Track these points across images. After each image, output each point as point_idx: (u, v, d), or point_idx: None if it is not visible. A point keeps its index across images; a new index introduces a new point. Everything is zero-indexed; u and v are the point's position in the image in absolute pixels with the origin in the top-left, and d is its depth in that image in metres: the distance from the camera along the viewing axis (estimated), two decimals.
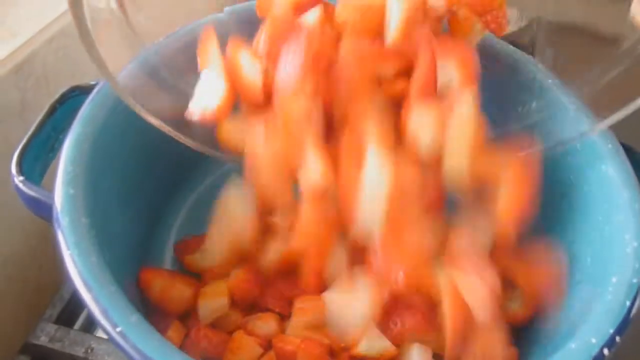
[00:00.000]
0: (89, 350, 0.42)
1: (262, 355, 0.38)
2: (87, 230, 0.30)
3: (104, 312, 0.27)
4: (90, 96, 0.37)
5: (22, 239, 0.49)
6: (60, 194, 0.31)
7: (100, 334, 0.47)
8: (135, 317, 0.27)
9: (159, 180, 0.44)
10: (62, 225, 0.30)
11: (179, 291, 0.38)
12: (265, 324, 0.38)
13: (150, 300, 0.39)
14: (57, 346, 0.43)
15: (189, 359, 0.26)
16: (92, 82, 0.40)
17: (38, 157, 0.39)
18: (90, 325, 0.48)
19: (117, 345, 0.26)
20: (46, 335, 0.43)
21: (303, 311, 0.37)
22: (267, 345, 0.37)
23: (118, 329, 0.26)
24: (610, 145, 0.38)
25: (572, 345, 0.29)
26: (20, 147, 0.37)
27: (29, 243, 0.50)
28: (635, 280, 0.31)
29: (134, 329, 0.26)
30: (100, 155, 0.35)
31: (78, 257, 0.29)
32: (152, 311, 0.37)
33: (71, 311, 0.47)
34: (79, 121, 0.35)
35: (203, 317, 0.38)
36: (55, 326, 0.44)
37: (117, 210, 0.37)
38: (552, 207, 0.42)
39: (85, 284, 0.28)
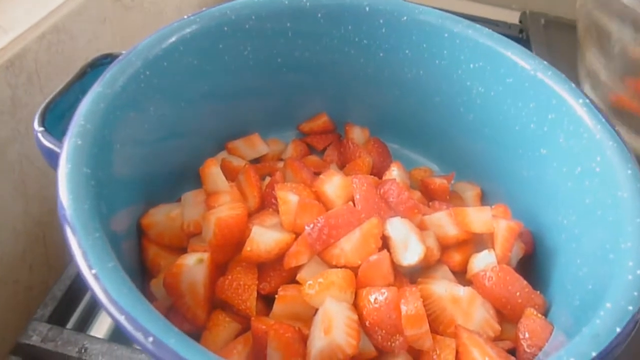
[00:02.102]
0: (83, 350, 0.41)
1: (239, 334, 0.38)
2: (85, 180, 0.32)
3: (84, 255, 0.28)
4: (115, 62, 0.39)
5: (12, 240, 0.48)
6: (67, 142, 0.33)
7: (94, 333, 0.47)
8: (112, 264, 0.28)
9: (170, 158, 0.46)
10: (63, 172, 0.32)
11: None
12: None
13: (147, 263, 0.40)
14: (49, 346, 0.41)
15: (151, 309, 0.26)
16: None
17: (63, 115, 0.41)
18: (84, 324, 0.48)
19: (89, 287, 0.27)
20: (38, 335, 0.42)
21: (284, 299, 0.37)
22: (246, 324, 0.37)
23: (93, 271, 0.27)
24: (629, 171, 0.36)
25: None
26: (45, 102, 0.40)
27: (19, 243, 0.49)
28: (630, 308, 0.29)
29: (108, 273, 0.27)
30: (114, 116, 0.37)
31: (71, 201, 0.30)
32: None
33: (64, 310, 0.46)
34: (99, 82, 0.37)
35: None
36: (48, 325, 0.42)
37: (123, 173, 0.39)
38: (565, 229, 0.40)
39: (72, 227, 0.29)
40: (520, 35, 0.82)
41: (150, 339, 0.25)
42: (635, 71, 0.57)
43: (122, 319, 0.25)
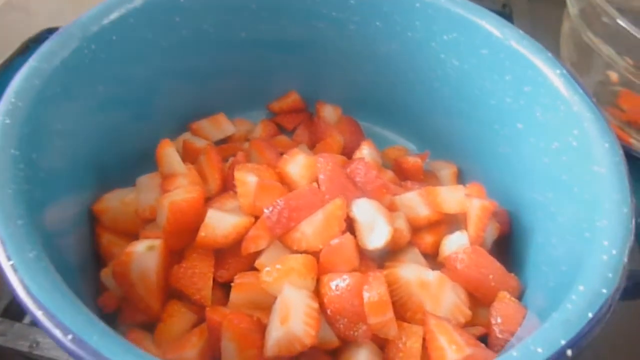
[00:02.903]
0: (34, 345, 0.38)
1: (195, 324, 0.35)
2: (12, 162, 0.29)
3: (2, 243, 0.25)
4: (54, 34, 0.36)
5: None
6: None
7: None
8: (34, 254, 0.25)
9: (126, 139, 0.43)
10: None
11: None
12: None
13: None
14: None
15: (75, 304, 0.24)
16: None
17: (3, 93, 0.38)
18: None
19: (5, 279, 0.24)
20: None
21: (241, 287, 0.35)
22: (203, 315, 0.35)
23: (10, 262, 0.24)
24: (607, 145, 0.34)
25: (514, 353, 0.25)
26: None
27: None
28: (604, 291, 0.27)
29: (28, 264, 0.25)
30: (53, 94, 0.34)
31: None
32: None
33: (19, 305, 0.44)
34: (35, 56, 0.34)
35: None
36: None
37: (68, 156, 0.36)
38: (542, 207, 0.38)
39: None
40: (504, 9, 0.79)
41: (70, 336, 0.22)
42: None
43: (39, 314, 0.23)
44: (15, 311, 0.43)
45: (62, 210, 0.34)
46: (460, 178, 0.49)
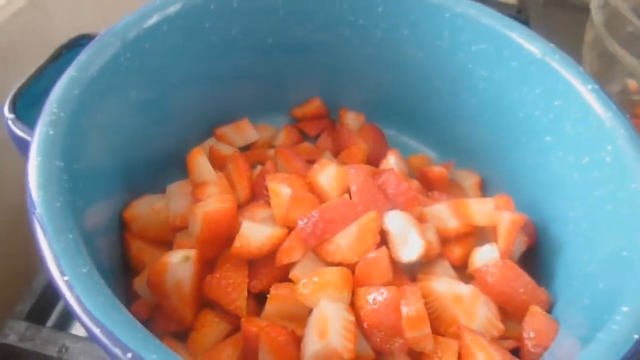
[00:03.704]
0: (63, 350, 0.39)
1: (229, 334, 0.36)
2: (58, 174, 0.29)
3: (55, 259, 0.25)
4: (91, 43, 0.36)
5: None
6: (38, 133, 0.30)
7: (75, 331, 0.44)
8: (86, 269, 0.25)
9: (154, 145, 0.43)
10: (33, 165, 0.29)
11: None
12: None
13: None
14: (27, 345, 0.39)
15: (130, 320, 0.24)
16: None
17: (38, 100, 0.38)
18: (65, 322, 0.44)
19: (62, 296, 0.24)
20: (15, 333, 0.40)
21: (276, 298, 0.35)
22: (236, 324, 0.35)
23: (65, 278, 0.24)
24: None
25: None
26: (17, 86, 0.37)
27: None
28: None
29: (82, 280, 0.25)
30: (90, 103, 0.34)
31: (42, 198, 0.27)
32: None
33: (43, 307, 0.43)
34: (74, 65, 0.34)
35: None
36: (26, 324, 0.40)
37: (102, 163, 0.36)
38: (572, 222, 0.39)
39: (43, 227, 0.26)
40: (519, 15, 0.79)
41: (129, 354, 0.22)
42: None
43: (97, 332, 0.23)
44: (39, 313, 0.44)
45: (97, 218, 0.34)
46: (484, 188, 0.49)
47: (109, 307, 0.24)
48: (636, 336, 0.26)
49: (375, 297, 0.34)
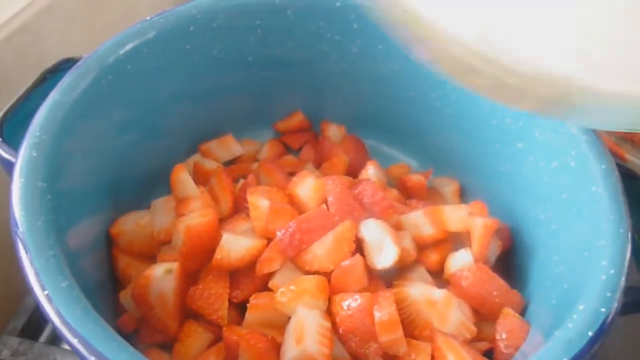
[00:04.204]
0: None
1: (212, 344, 0.37)
2: (41, 194, 0.31)
3: (37, 275, 0.27)
4: (74, 67, 0.37)
5: None
6: (22, 155, 0.32)
7: (66, 346, 0.44)
8: (66, 284, 0.27)
9: (140, 163, 0.44)
10: (17, 187, 0.30)
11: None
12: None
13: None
14: None
15: (107, 331, 0.25)
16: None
17: (23, 123, 0.39)
18: (57, 337, 0.45)
19: (42, 309, 0.26)
20: (9, 349, 0.41)
21: (256, 307, 0.36)
22: (219, 334, 0.37)
23: (45, 292, 0.26)
24: (604, 166, 0.36)
25: None
26: (4, 110, 0.38)
27: None
28: (603, 310, 0.28)
29: (61, 294, 0.26)
30: (73, 125, 0.36)
31: (24, 217, 0.29)
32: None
33: (35, 323, 0.45)
34: (57, 89, 0.36)
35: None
36: (19, 339, 0.42)
37: (87, 182, 0.37)
38: (543, 225, 0.40)
39: (24, 245, 0.28)
40: None
41: None
42: None
43: (75, 342, 0.24)
44: (31, 330, 0.45)
45: (82, 235, 0.36)
46: (463, 194, 0.51)
47: (85, 318, 0.26)
48: (590, 333, 0.27)
49: (349, 304, 0.35)
